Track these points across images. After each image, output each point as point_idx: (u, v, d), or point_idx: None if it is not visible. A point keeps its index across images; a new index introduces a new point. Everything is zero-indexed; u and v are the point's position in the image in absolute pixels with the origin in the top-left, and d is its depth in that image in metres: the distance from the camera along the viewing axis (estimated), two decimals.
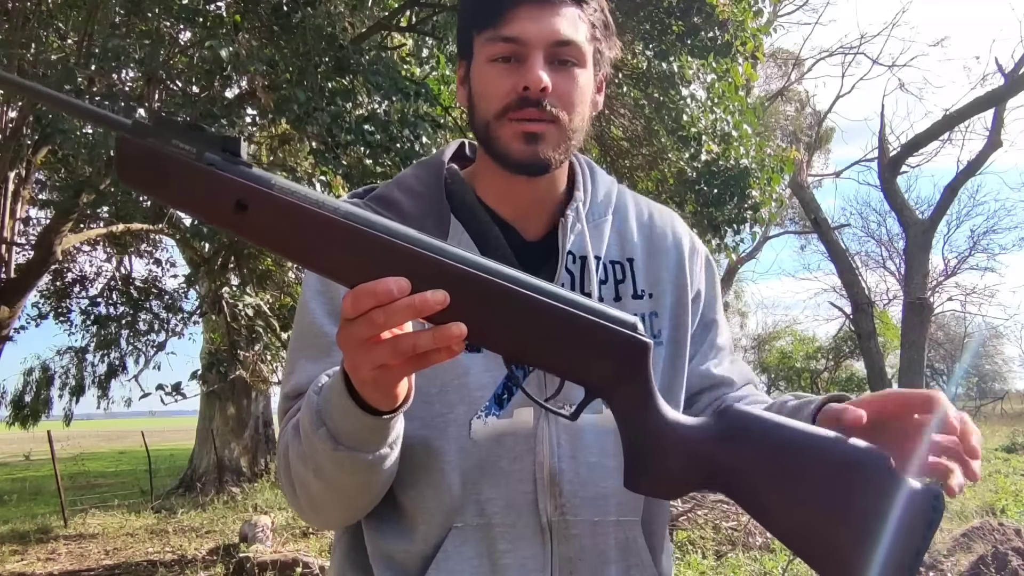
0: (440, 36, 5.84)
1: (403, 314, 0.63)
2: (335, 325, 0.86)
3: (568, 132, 0.90)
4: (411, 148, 4.15)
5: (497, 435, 0.91)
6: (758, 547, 6.03)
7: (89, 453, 18.13)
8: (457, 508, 0.91)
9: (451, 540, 0.90)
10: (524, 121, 0.88)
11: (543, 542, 0.91)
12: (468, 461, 0.91)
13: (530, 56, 0.87)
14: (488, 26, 0.89)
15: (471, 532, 0.91)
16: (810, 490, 0.74)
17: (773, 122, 14.55)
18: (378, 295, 0.62)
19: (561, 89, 0.89)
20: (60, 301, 8.53)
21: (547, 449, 0.91)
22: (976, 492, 9.30)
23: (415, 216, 0.94)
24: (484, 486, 0.91)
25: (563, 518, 0.91)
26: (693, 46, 5.16)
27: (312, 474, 0.83)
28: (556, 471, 0.91)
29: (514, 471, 0.91)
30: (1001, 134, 11.12)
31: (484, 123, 0.91)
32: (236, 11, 4.19)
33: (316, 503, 0.88)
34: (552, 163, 0.91)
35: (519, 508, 0.91)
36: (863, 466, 0.73)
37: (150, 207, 5.15)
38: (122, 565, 6.67)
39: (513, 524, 0.91)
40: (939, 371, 20.28)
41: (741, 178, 5.34)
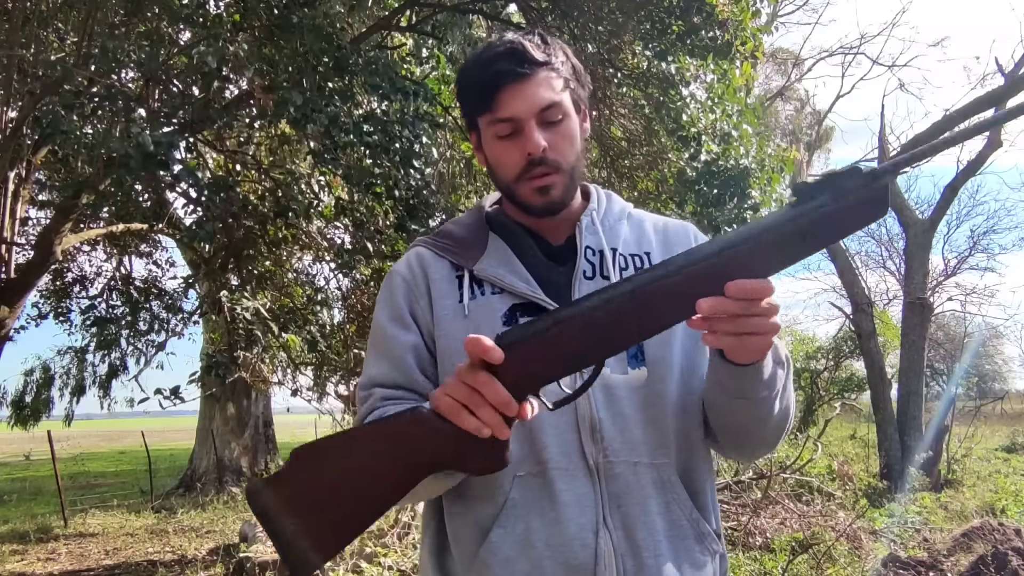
0: (440, 36, 5.83)
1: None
2: (396, 327, 1.17)
3: (570, 172, 1.15)
4: (410, 148, 4.15)
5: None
6: (758, 547, 6.03)
7: (89, 453, 18.13)
8: (518, 459, 1.08)
9: (517, 488, 1.09)
10: (535, 179, 1.12)
11: (592, 482, 1.09)
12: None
13: (526, 127, 1.11)
14: (486, 110, 1.13)
15: (532, 479, 1.09)
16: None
17: (773, 122, 14.54)
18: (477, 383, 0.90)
19: (556, 144, 1.13)
20: (60, 301, 8.53)
21: (587, 402, 1.10)
22: (976, 492, 9.30)
23: (463, 236, 1.22)
24: (538, 436, 1.09)
25: (606, 460, 1.09)
26: (693, 46, 5.15)
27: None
28: (596, 420, 1.10)
29: (560, 423, 1.09)
30: (1001, 134, 11.11)
31: (505, 184, 1.17)
32: (235, 11, 4.19)
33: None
34: (565, 202, 1.16)
35: (569, 454, 1.09)
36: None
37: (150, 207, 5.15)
38: (122, 565, 6.67)
39: (566, 468, 1.09)
40: (939, 371, 20.27)
41: (741, 178, 5.33)
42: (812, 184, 0.86)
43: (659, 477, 1.11)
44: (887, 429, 10.77)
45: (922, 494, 9.05)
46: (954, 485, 10.00)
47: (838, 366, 16.50)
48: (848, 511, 7.26)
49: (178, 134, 3.72)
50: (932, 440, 10.35)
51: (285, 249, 6.55)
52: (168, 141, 3.36)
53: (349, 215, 4.87)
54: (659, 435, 1.11)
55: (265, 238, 5.51)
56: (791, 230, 0.85)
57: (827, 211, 0.84)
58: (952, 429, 11.28)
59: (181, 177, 3.58)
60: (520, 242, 1.19)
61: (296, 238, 6.19)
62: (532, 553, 1.07)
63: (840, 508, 7.46)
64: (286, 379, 8.35)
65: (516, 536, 1.08)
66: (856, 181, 0.84)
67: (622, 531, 1.08)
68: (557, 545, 1.07)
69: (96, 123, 4.25)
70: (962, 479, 10.39)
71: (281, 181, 5.37)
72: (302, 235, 6.23)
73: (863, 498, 8.28)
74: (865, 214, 0.85)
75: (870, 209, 0.85)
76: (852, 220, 0.85)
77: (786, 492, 7.62)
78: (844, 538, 6.04)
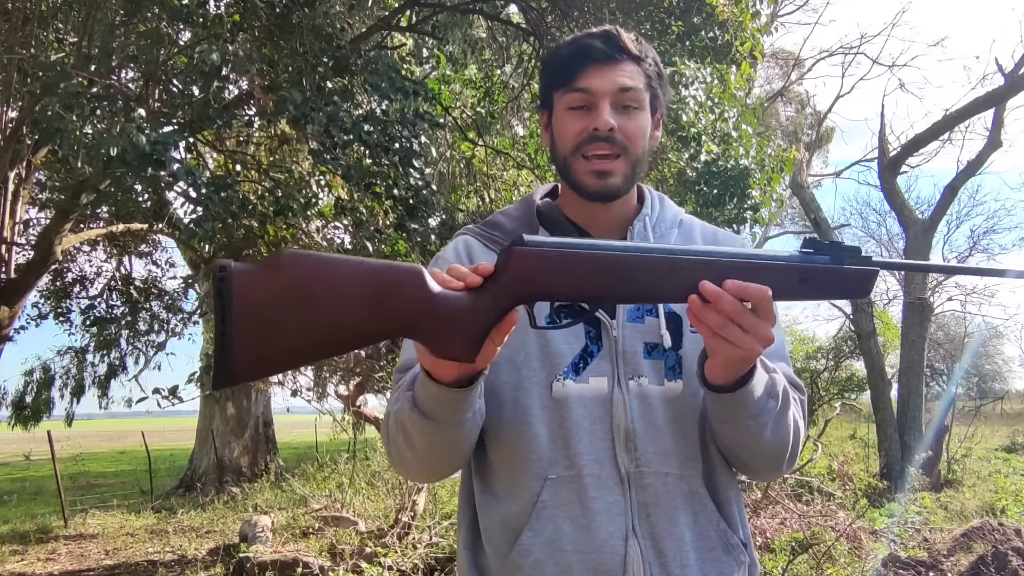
0: (440, 36, 5.84)
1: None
2: None
3: (633, 161, 1.15)
4: (410, 148, 4.15)
5: (576, 397, 1.11)
6: (758, 547, 6.03)
7: (89, 453, 18.12)
8: (550, 461, 1.10)
9: (547, 490, 1.09)
10: (594, 159, 1.12)
11: (623, 490, 1.09)
12: (552, 417, 1.11)
13: (599, 103, 1.11)
14: (565, 83, 1.14)
15: (564, 483, 1.09)
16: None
17: (773, 122, 14.54)
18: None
19: (626, 127, 1.12)
20: (60, 301, 8.53)
21: (622, 411, 1.11)
22: (976, 492, 9.29)
23: (513, 229, 1.20)
24: (572, 441, 1.09)
25: (638, 469, 1.10)
26: (693, 46, 5.16)
27: (400, 431, 1.07)
28: (630, 430, 1.10)
29: (596, 429, 1.10)
30: (1001, 134, 11.10)
31: (562, 158, 1.16)
32: (235, 11, 4.19)
33: (401, 456, 1.11)
34: (621, 191, 1.15)
35: (602, 461, 1.09)
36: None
37: (149, 207, 5.15)
38: (122, 565, 6.67)
39: (598, 475, 1.09)
40: (939, 371, 20.27)
41: (741, 178, 5.34)
42: (821, 243, 0.99)
43: (688, 488, 1.12)
44: (887, 429, 10.77)
45: (922, 494, 9.05)
46: (954, 485, 10.00)
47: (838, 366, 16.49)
48: (848, 511, 7.26)
49: (177, 134, 3.72)
50: (932, 440, 10.34)
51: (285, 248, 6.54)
52: (164, 140, 3.36)
53: (349, 215, 4.87)
54: (689, 447, 1.12)
55: (265, 238, 5.51)
56: (797, 268, 0.96)
57: (826, 267, 0.97)
58: (952, 429, 11.27)
59: (179, 176, 3.58)
60: (567, 236, 1.15)
61: (296, 238, 6.19)
62: (561, 557, 1.08)
63: (840, 508, 7.45)
64: (286, 379, 8.35)
65: (545, 539, 1.08)
66: (855, 258, 0.98)
67: (650, 540, 1.08)
68: (587, 551, 1.07)
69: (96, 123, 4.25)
70: (962, 479, 10.38)
71: (281, 181, 5.37)
72: (302, 235, 6.23)
73: (863, 498, 8.27)
74: (851, 286, 0.98)
75: (858, 284, 0.98)
76: (839, 286, 0.99)
77: (786, 492, 7.61)
78: (844, 538, 6.04)
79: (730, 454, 1.15)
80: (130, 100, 4.04)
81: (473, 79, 7.32)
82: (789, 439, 1.12)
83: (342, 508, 7.54)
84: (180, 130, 3.85)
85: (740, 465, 1.17)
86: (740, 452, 1.13)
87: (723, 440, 1.12)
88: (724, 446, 1.13)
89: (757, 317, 0.93)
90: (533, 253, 0.91)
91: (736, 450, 1.13)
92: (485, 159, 7.54)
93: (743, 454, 1.13)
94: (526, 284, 0.91)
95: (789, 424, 1.11)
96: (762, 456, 1.12)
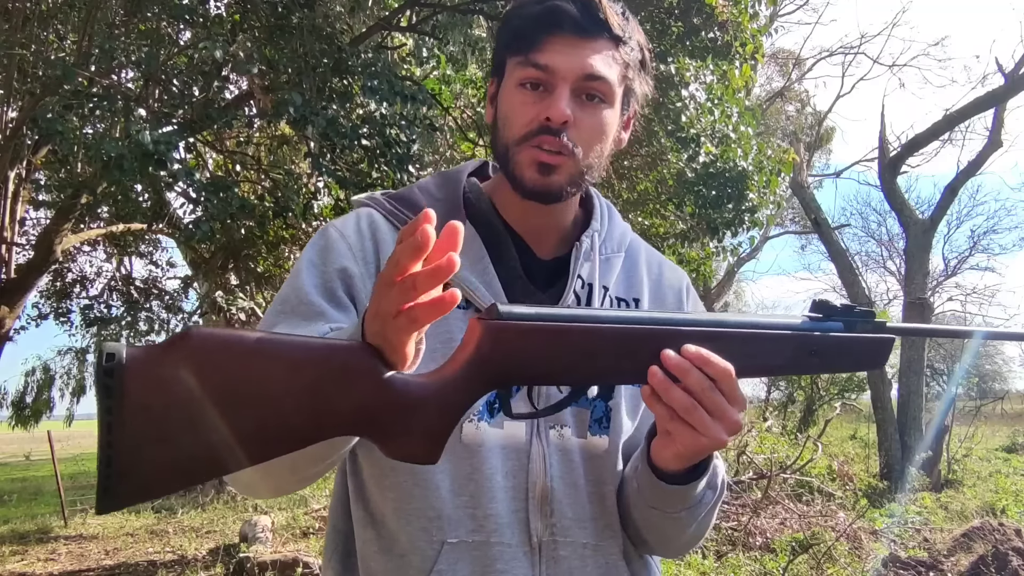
0: (440, 36, 5.84)
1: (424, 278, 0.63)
2: (321, 298, 0.90)
3: (582, 167, 0.92)
4: (406, 152, 4.15)
5: (490, 444, 0.91)
6: (758, 547, 6.03)
7: (89, 453, 18.11)
8: (451, 519, 0.89)
9: (445, 557, 0.88)
10: (541, 150, 0.90)
11: (532, 563, 0.90)
12: (459, 467, 0.90)
13: (557, 87, 0.89)
14: (522, 51, 0.90)
15: (466, 549, 0.89)
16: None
17: (773, 122, 14.55)
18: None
19: (583, 124, 0.91)
20: (60, 301, 8.53)
21: (540, 467, 0.91)
22: (976, 492, 9.29)
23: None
24: (482, 500, 0.89)
25: (552, 539, 0.91)
26: (693, 47, 5.16)
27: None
28: (548, 490, 0.91)
29: (508, 487, 0.90)
30: (1001, 134, 11.11)
31: (504, 145, 0.93)
32: (235, 11, 4.19)
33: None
34: (563, 194, 0.93)
35: (513, 526, 0.90)
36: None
37: (149, 207, 5.15)
38: (122, 565, 6.67)
39: (508, 543, 0.89)
40: (939, 371, 20.27)
41: (739, 180, 5.34)
42: (832, 306, 0.87)
43: (605, 563, 0.94)
44: (887, 429, 10.77)
45: (922, 494, 9.05)
46: (954, 485, 10.00)
47: None
48: (848, 511, 7.26)
49: (177, 134, 3.73)
50: (932, 440, 10.35)
51: (285, 248, 6.55)
52: (167, 140, 3.36)
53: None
54: (607, 514, 0.95)
55: (265, 238, 5.51)
56: (807, 339, 0.84)
57: (841, 338, 0.85)
58: (952, 429, 11.28)
59: (179, 176, 3.59)
60: (501, 246, 0.96)
61: (295, 238, 6.19)
62: None
63: (840, 508, 7.45)
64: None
65: None
66: (867, 324, 0.86)
67: None
68: None
69: (96, 123, 4.25)
70: (962, 479, 10.39)
71: (280, 181, 5.38)
72: (301, 235, 6.23)
73: (863, 498, 8.27)
74: (868, 356, 0.87)
75: (875, 353, 0.87)
76: (856, 357, 0.87)
77: (786, 492, 7.62)
78: (844, 538, 6.04)
79: (637, 535, 0.98)
80: (130, 100, 4.05)
81: (473, 79, 7.33)
82: (707, 530, 0.99)
83: None
84: (180, 130, 3.85)
85: (642, 545, 1.00)
86: (651, 537, 0.97)
87: (641, 523, 0.95)
88: (635, 527, 0.97)
89: (724, 396, 0.76)
90: (514, 328, 0.73)
91: (648, 534, 0.96)
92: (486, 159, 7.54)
93: (653, 539, 0.97)
94: (504, 367, 0.74)
95: (714, 516, 0.98)
96: (674, 546, 0.99)
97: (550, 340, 0.74)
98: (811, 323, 0.84)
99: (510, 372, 0.74)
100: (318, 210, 5.21)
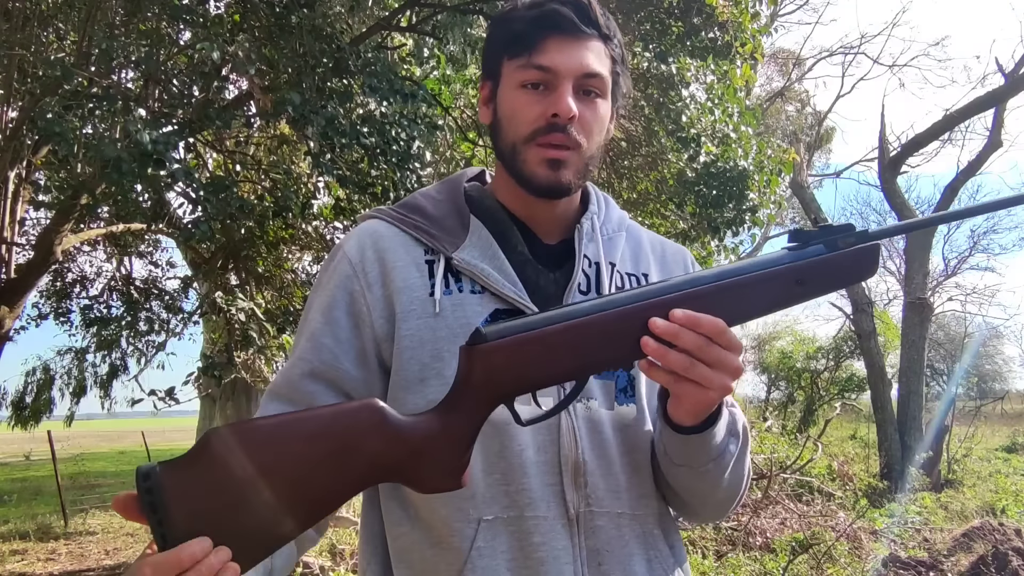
0: (441, 36, 5.83)
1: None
2: (325, 321, 0.98)
3: (586, 158, 0.97)
4: (407, 151, 4.15)
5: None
6: (758, 547, 6.03)
7: (89, 453, 18.11)
8: (484, 498, 0.91)
9: (483, 535, 0.91)
10: (550, 147, 0.94)
11: (571, 534, 0.93)
12: (489, 445, 0.92)
13: (560, 85, 0.94)
14: (520, 54, 0.95)
15: (503, 525, 0.91)
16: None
17: (773, 122, 14.54)
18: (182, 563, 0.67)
19: (585, 118, 0.95)
20: (60, 301, 8.52)
21: (571, 440, 0.94)
22: (976, 492, 9.29)
23: (438, 216, 1.01)
24: (513, 476, 0.92)
25: (589, 510, 0.94)
26: (693, 47, 5.16)
27: None
28: (580, 463, 0.94)
29: (540, 462, 0.93)
30: (1001, 134, 11.11)
31: (511, 144, 0.97)
32: (235, 11, 4.19)
33: None
34: (572, 188, 0.97)
35: (548, 500, 0.92)
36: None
37: (149, 207, 5.15)
38: (122, 565, 6.67)
39: (544, 516, 0.92)
40: (939, 371, 20.26)
41: (740, 180, 5.34)
42: (809, 231, 0.87)
43: (642, 531, 0.97)
44: (887, 429, 10.78)
45: (922, 494, 9.05)
46: (954, 485, 10.01)
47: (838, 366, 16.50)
48: (848, 511, 7.26)
49: (177, 134, 3.72)
50: (932, 440, 10.35)
51: (285, 248, 6.55)
52: (165, 140, 3.36)
53: (348, 216, 4.88)
54: (643, 483, 0.98)
55: (264, 238, 5.51)
56: (788, 271, 0.84)
57: (823, 259, 0.85)
58: (952, 429, 11.29)
59: (178, 176, 3.58)
60: (507, 234, 1.00)
61: (295, 238, 6.19)
62: None
63: (840, 508, 7.45)
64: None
65: None
66: (849, 237, 0.86)
67: None
68: None
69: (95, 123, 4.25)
70: (962, 479, 10.39)
71: (279, 181, 5.37)
72: (301, 235, 6.23)
73: (863, 498, 8.27)
74: (856, 269, 0.87)
75: (861, 265, 0.87)
76: (844, 273, 0.87)
77: (786, 492, 7.62)
78: (844, 538, 6.04)
79: (676, 499, 1.01)
80: (130, 100, 4.04)
81: (473, 79, 7.32)
82: (743, 483, 1.01)
83: (343, 508, 7.53)
84: (180, 130, 3.85)
85: (683, 509, 1.04)
86: (690, 498, 1.00)
87: (675, 484, 0.98)
88: (673, 491, 1.00)
89: (721, 347, 0.79)
90: (499, 347, 0.78)
91: (686, 495, 0.99)
92: (485, 159, 7.54)
93: (693, 500, 1.00)
94: (500, 384, 0.78)
95: (746, 466, 1.01)
96: (713, 503, 1.01)
97: (538, 347, 0.78)
98: (791, 254, 0.85)
99: (508, 387, 0.79)
100: (317, 210, 5.22)
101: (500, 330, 0.79)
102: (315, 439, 0.73)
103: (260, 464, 0.70)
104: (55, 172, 6.64)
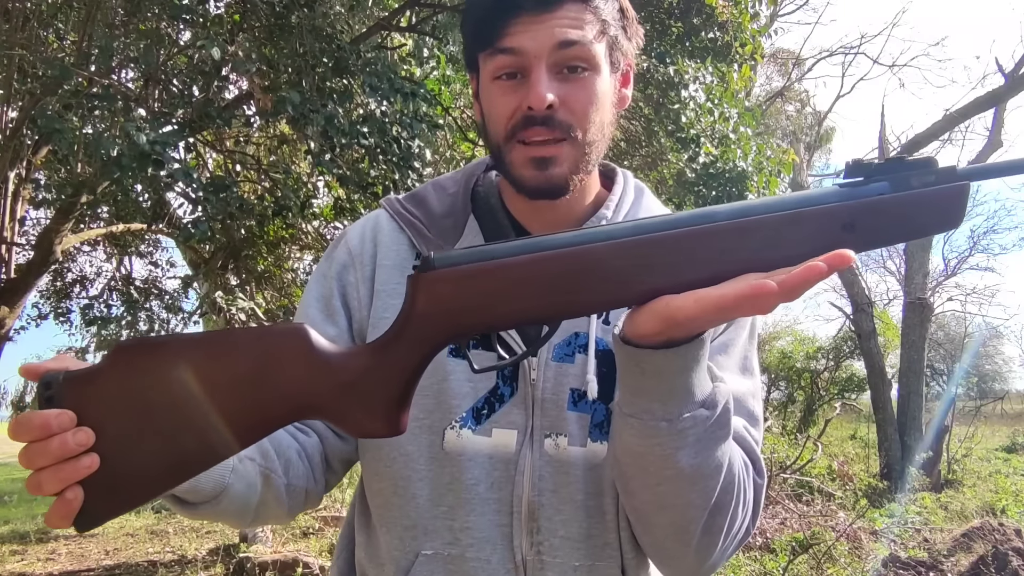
0: (440, 36, 5.83)
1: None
2: (316, 307, 0.93)
3: (583, 145, 0.84)
4: (407, 151, 4.15)
5: (472, 453, 0.85)
6: (758, 547, 6.03)
7: None
8: (426, 530, 0.85)
9: (419, 569, 0.84)
10: (533, 144, 0.82)
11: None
12: (440, 475, 0.85)
13: (533, 69, 0.81)
14: (488, 42, 0.83)
15: (441, 562, 0.84)
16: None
17: (773, 122, 14.54)
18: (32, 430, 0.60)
19: (572, 100, 0.82)
20: (60, 301, 8.53)
21: (528, 480, 0.84)
22: (976, 492, 9.30)
23: (439, 214, 0.94)
24: (460, 511, 0.84)
25: (539, 558, 0.84)
26: (692, 48, 5.16)
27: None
28: (536, 505, 0.84)
29: (492, 499, 0.84)
30: (1001, 134, 11.12)
31: (496, 145, 0.87)
32: (235, 11, 4.19)
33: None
34: (569, 184, 0.85)
35: (494, 542, 0.84)
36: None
37: (149, 207, 5.15)
38: (122, 565, 6.67)
39: (488, 559, 0.83)
40: (939, 371, 20.26)
41: (739, 181, 5.34)
42: (871, 164, 0.66)
43: None
44: (887, 429, 10.77)
45: (922, 494, 9.05)
46: (954, 485, 10.00)
47: (838, 366, 16.50)
48: (848, 511, 7.26)
49: (177, 134, 3.73)
50: (932, 440, 10.35)
51: (285, 248, 6.56)
52: (163, 140, 3.36)
53: (348, 215, 4.88)
54: (607, 532, 0.86)
55: (264, 238, 5.52)
56: (834, 211, 0.64)
57: (885, 198, 0.64)
58: (952, 429, 11.29)
59: (178, 176, 3.59)
60: (499, 238, 0.89)
61: (295, 238, 6.19)
62: None
63: (840, 508, 7.46)
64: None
65: None
66: (927, 175, 0.64)
67: None
68: None
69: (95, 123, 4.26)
70: (962, 479, 10.39)
71: (279, 180, 5.38)
72: (301, 235, 6.23)
73: (863, 498, 8.27)
74: (932, 216, 0.65)
75: (940, 211, 0.65)
76: (914, 220, 0.65)
77: (786, 492, 7.62)
78: (844, 538, 6.04)
79: (640, 523, 0.82)
80: (130, 100, 4.05)
81: None
82: (718, 488, 0.75)
83: (342, 508, 7.54)
84: (180, 130, 3.85)
85: (645, 536, 0.83)
86: (641, 504, 0.79)
87: (621, 469, 0.78)
88: (630, 506, 0.81)
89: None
90: (447, 275, 0.66)
91: (637, 500, 0.79)
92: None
93: (646, 507, 0.79)
94: (446, 320, 0.66)
95: (726, 466, 0.75)
96: (675, 513, 0.76)
97: (496, 281, 0.65)
98: (844, 191, 0.65)
99: (458, 324, 0.67)
100: (317, 209, 5.22)
101: (452, 257, 0.67)
102: (232, 359, 0.65)
103: (164, 380, 0.64)
104: (55, 172, 6.65)
